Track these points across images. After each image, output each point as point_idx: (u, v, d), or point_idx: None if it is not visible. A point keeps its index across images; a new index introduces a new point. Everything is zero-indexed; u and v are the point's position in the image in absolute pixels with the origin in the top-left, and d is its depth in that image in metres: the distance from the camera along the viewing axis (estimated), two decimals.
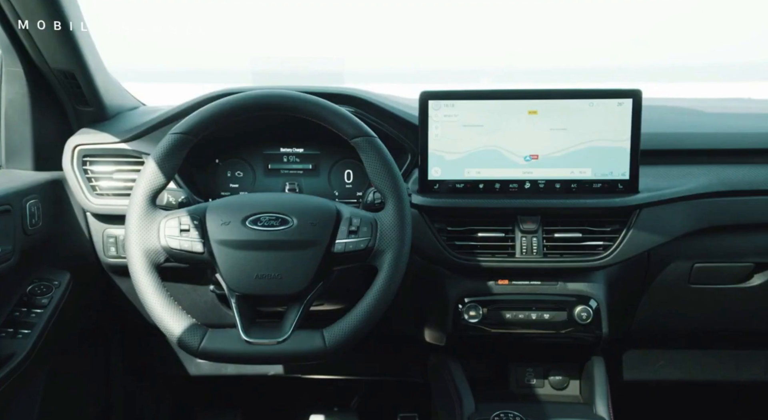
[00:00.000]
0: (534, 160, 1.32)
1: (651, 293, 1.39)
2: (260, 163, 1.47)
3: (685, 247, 1.35)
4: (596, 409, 1.29)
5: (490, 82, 2.10)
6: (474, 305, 1.31)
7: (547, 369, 1.45)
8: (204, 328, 1.05)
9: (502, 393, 1.42)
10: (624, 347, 1.58)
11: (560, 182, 1.31)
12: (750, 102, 1.84)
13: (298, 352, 1.04)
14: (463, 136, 1.31)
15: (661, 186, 1.31)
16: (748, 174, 1.35)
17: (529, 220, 1.30)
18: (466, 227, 1.32)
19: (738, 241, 1.36)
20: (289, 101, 1.11)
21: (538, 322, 1.32)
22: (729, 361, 1.60)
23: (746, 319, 1.45)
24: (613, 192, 1.30)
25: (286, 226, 1.08)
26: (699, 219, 1.32)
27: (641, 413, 1.75)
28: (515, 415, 1.22)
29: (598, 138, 1.30)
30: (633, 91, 1.28)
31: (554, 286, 1.32)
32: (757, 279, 1.38)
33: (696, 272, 1.37)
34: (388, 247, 1.08)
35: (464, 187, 1.33)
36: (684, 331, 1.50)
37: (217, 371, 1.70)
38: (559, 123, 1.30)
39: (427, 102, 1.30)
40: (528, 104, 1.30)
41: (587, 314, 1.30)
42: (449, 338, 1.36)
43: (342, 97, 1.39)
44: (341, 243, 1.09)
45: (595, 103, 1.29)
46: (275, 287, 1.06)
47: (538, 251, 1.30)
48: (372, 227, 1.09)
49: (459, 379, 1.36)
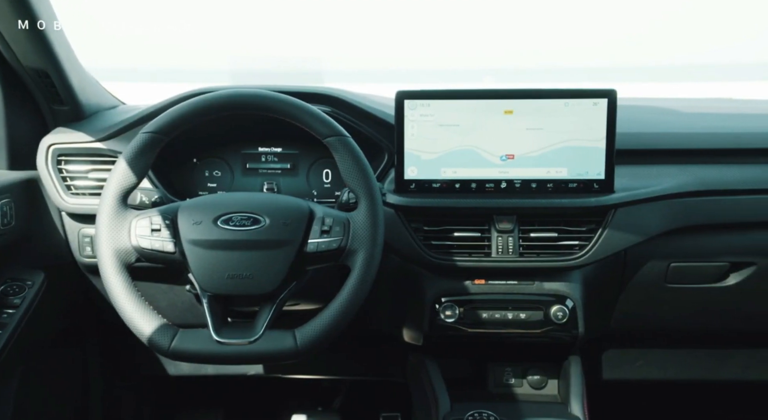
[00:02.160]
0: (510, 160, 1.32)
1: (628, 293, 1.40)
2: (238, 163, 1.47)
3: (661, 247, 1.35)
4: (571, 408, 1.30)
5: (493, 82, 2.10)
6: (450, 305, 1.31)
7: (525, 368, 1.46)
8: (175, 328, 1.05)
9: (479, 392, 1.42)
10: (603, 346, 1.59)
11: (536, 182, 1.32)
12: (731, 102, 1.84)
13: (269, 352, 1.03)
14: (440, 136, 1.31)
15: (637, 186, 1.32)
16: (723, 174, 1.35)
17: (505, 220, 1.30)
18: (443, 227, 1.31)
19: (713, 240, 1.36)
20: (261, 100, 1.11)
21: (515, 321, 1.32)
22: (707, 361, 1.60)
23: (723, 319, 1.46)
24: (589, 192, 1.31)
25: (258, 225, 1.08)
26: (674, 218, 1.33)
27: (620, 412, 1.75)
28: (489, 414, 1.22)
29: (573, 138, 1.30)
30: (608, 91, 1.28)
31: (530, 286, 1.33)
32: (733, 278, 1.38)
33: (672, 272, 1.37)
34: (361, 247, 1.08)
35: (440, 187, 1.33)
36: (661, 330, 1.50)
37: (197, 371, 1.70)
38: (534, 123, 1.30)
39: (402, 101, 1.30)
40: (504, 104, 1.30)
41: (563, 314, 1.30)
42: (426, 338, 1.36)
43: (318, 96, 1.39)
44: (314, 243, 1.09)
45: (570, 103, 1.29)
46: (247, 287, 1.06)
47: (514, 251, 1.30)
48: (344, 227, 1.09)
49: (435, 378, 1.36)
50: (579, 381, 1.34)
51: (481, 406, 1.26)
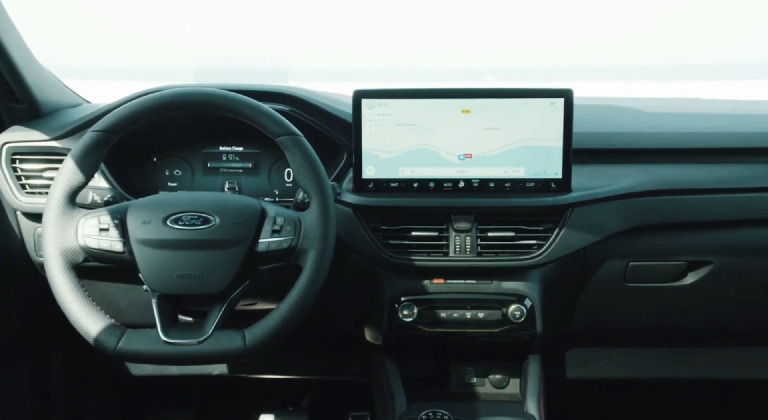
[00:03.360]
0: (468, 159, 1.32)
1: (588, 292, 1.40)
2: (199, 162, 1.46)
3: (620, 246, 1.36)
4: (527, 407, 1.30)
5: (495, 81, 2.11)
6: (408, 304, 1.31)
7: (487, 368, 1.46)
8: (122, 329, 1.04)
9: (440, 392, 1.42)
10: (566, 346, 1.59)
11: (494, 181, 1.32)
12: (698, 102, 1.85)
13: (217, 352, 1.03)
14: (397, 135, 1.31)
15: (595, 185, 1.32)
16: (680, 173, 1.36)
17: (462, 219, 1.30)
18: (401, 226, 1.31)
19: (671, 239, 1.37)
20: (212, 99, 1.10)
21: (473, 321, 1.32)
22: (671, 359, 1.61)
23: (683, 317, 1.46)
24: (547, 191, 1.31)
25: (208, 225, 1.07)
26: (632, 218, 1.33)
27: (584, 411, 1.76)
28: (443, 413, 1.22)
29: (531, 137, 1.30)
30: (564, 91, 1.28)
31: (489, 285, 1.33)
32: (691, 277, 1.39)
33: (631, 271, 1.38)
34: (311, 247, 1.07)
35: (398, 186, 1.32)
36: (622, 329, 1.51)
37: (161, 371, 1.69)
38: (492, 122, 1.30)
39: (360, 101, 1.30)
40: (461, 103, 1.30)
41: (521, 313, 1.30)
42: (385, 338, 1.36)
43: (277, 95, 1.38)
44: (264, 242, 1.08)
45: (527, 103, 1.29)
46: (196, 287, 1.05)
47: (471, 250, 1.30)
48: (295, 226, 1.09)
49: (393, 378, 1.36)
50: (536, 380, 1.34)
51: (438, 405, 1.27)
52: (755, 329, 1.51)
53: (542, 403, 1.30)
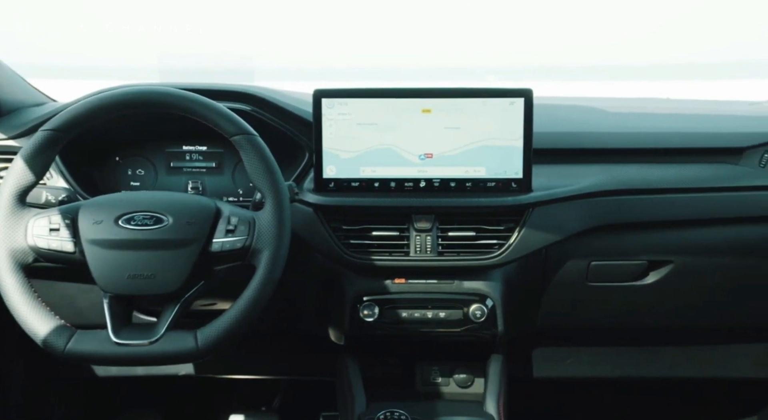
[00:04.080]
0: (429, 159, 1.32)
1: (550, 291, 1.41)
2: (162, 161, 1.45)
3: (581, 246, 1.36)
4: (486, 407, 1.30)
5: (497, 80, 2.10)
6: (370, 304, 1.31)
7: (452, 367, 1.46)
8: (72, 330, 1.03)
9: (403, 392, 1.42)
10: (532, 345, 1.60)
11: (455, 181, 1.32)
12: (667, 102, 1.85)
13: (168, 353, 1.02)
14: (358, 135, 1.31)
15: (555, 185, 1.32)
16: (641, 173, 1.37)
17: (423, 219, 1.30)
18: (361, 226, 1.31)
19: (632, 239, 1.37)
20: (165, 98, 1.10)
21: (434, 320, 1.32)
22: (636, 358, 1.62)
23: (644, 316, 1.47)
24: (507, 191, 1.31)
25: (160, 224, 1.07)
26: (592, 217, 1.34)
27: (549, 410, 1.77)
28: (401, 413, 1.22)
29: (491, 137, 1.30)
30: (524, 91, 1.29)
31: (450, 285, 1.33)
32: (652, 276, 1.40)
33: (593, 270, 1.38)
34: (265, 247, 1.07)
35: (359, 186, 1.32)
36: (586, 328, 1.51)
37: (128, 372, 1.68)
38: (452, 122, 1.30)
39: (320, 100, 1.29)
40: (421, 103, 1.30)
41: (481, 312, 1.31)
42: (347, 338, 1.36)
43: (239, 94, 1.37)
44: (218, 242, 1.08)
45: (487, 102, 1.29)
46: (148, 287, 1.04)
47: (432, 250, 1.30)
48: (250, 226, 1.08)
49: (354, 377, 1.36)
50: (497, 379, 1.34)
51: (398, 405, 1.26)
52: (716, 328, 1.52)
53: (502, 402, 1.30)
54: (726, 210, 1.35)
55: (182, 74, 1.73)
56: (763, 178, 1.35)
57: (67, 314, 1.36)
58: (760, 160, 1.36)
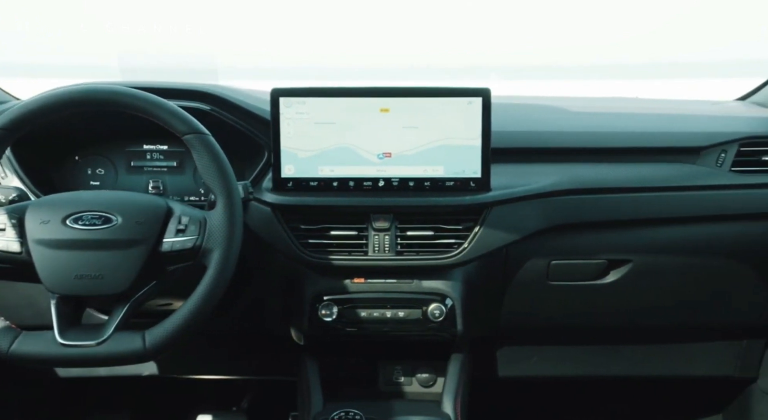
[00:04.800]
0: (387, 158, 1.31)
1: (512, 290, 1.41)
2: (122, 161, 1.44)
3: (541, 245, 1.36)
4: (443, 406, 1.30)
5: (499, 79, 2.10)
6: (328, 304, 1.31)
7: (415, 367, 1.45)
8: (17, 331, 1.02)
9: (363, 391, 1.41)
10: (496, 344, 1.60)
11: (414, 180, 1.32)
12: (636, 101, 1.85)
13: (115, 354, 1.01)
14: (316, 134, 1.30)
15: (514, 184, 1.33)
16: (599, 172, 1.37)
17: (381, 219, 1.30)
18: (320, 225, 1.31)
19: (591, 238, 1.38)
20: (116, 97, 1.09)
21: (393, 320, 1.32)
22: (599, 357, 1.62)
23: (606, 315, 1.48)
24: (466, 190, 1.31)
25: (109, 224, 1.06)
26: (551, 217, 1.34)
27: (513, 409, 1.77)
28: (356, 413, 1.22)
29: (449, 136, 1.30)
30: (482, 90, 1.28)
31: (409, 284, 1.32)
32: (612, 276, 1.40)
33: (553, 269, 1.39)
34: (216, 246, 1.06)
35: (318, 185, 1.32)
36: (548, 327, 1.52)
37: (90, 373, 1.66)
38: (410, 121, 1.30)
39: (278, 99, 1.29)
40: (380, 102, 1.29)
41: (440, 312, 1.31)
42: (307, 338, 1.35)
43: (198, 93, 1.37)
44: (168, 242, 1.07)
45: (445, 102, 1.29)
46: (96, 287, 1.03)
47: (390, 249, 1.30)
48: (200, 226, 1.08)
49: (312, 377, 1.36)
50: (455, 379, 1.34)
51: (355, 405, 1.26)
52: (677, 326, 1.53)
53: (459, 402, 1.30)
54: (683, 209, 1.36)
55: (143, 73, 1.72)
56: (719, 177, 1.36)
57: (27, 315, 1.36)
58: (716, 160, 1.37)
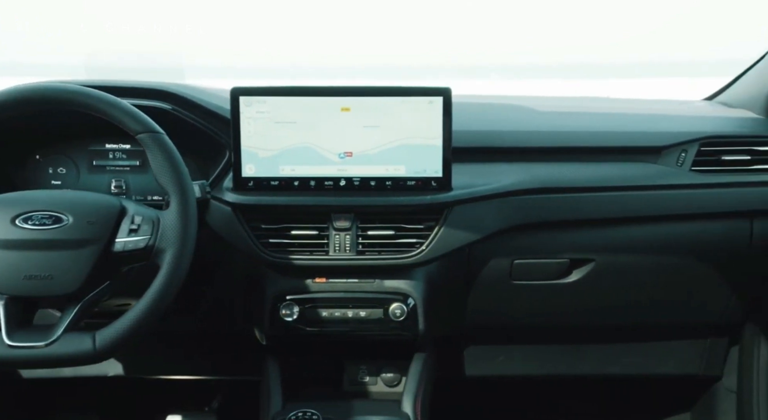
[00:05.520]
0: (348, 158, 1.31)
1: (475, 290, 1.41)
2: (84, 160, 1.43)
3: (503, 244, 1.36)
4: (403, 406, 1.30)
5: (499, 79, 2.09)
6: (289, 304, 1.30)
7: (380, 366, 1.45)
8: None
9: (326, 391, 1.41)
10: (462, 344, 1.60)
11: (375, 180, 1.31)
12: (603, 101, 1.86)
13: (64, 355, 1.00)
14: (277, 133, 1.30)
15: (475, 183, 1.32)
16: (562, 172, 1.37)
17: (342, 218, 1.30)
18: (281, 225, 1.30)
19: (553, 237, 1.38)
20: (65, 95, 1.08)
21: (354, 319, 1.31)
22: (566, 356, 1.63)
23: (570, 314, 1.48)
24: (427, 189, 1.31)
25: (60, 224, 1.05)
26: (512, 216, 1.34)
27: (479, 409, 1.77)
28: (313, 413, 1.22)
29: (410, 135, 1.30)
30: (442, 89, 1.28)
31: (371, 284, 1.32)
32: (575, 275, 1.40)
33: (516, 268, 1.39)
34: (169, 246, 1.06)
35: (279, 185, 1.31)
36: (514, 326, 1.52)
37: (55, 374, 1.65)
38: (371, 120, 1.30)
39: (238, 98, 1.28)
40: (340, 101, 1.29)
41: (401, 311, 1.30)
42: (268, 338, 1.35)
43: (159, 92, 1.36)
44: (121, 242, 1.06)
45: (406, 101, 1.29)
46: (46, 288, 1.02)
47: (351, 249, 1.30)
48: (153, 225, 1.07)
49: (272, 377, 1.35)
50: (416, 379, 1.34)
51: (314, 405, 1.26)
52: (641, 325, 1.53)
53: (420, 401, 1.30)
54: (644, 209, 1.36)
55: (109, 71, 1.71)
56: (679, 177, 1.36)
57: None
58: (677, 160, 1.37)
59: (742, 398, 1.57)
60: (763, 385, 1.51)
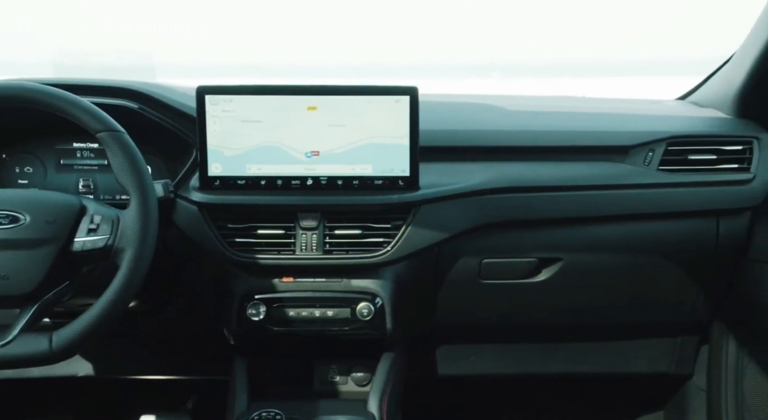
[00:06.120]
0: (315, 157, 1.31)
1: (444, 289, 1.41)
2: (52, 159, 1.42)
3: (472, 243, 1.37)
4: (369, 405, 1.29)
5: (501, 77, 2.09)
6: (255, 303, 1.30)
7: (350, 366, 1.45)
8: None
9: (294, 391, 1.40)
10: (434, 343, 1.60)
11: (342, 179, 1.31)
12: (575, 100, 1.85)
13: (20, 356, 1.00)
14: (243, 132, 1.29)
15: (443, 182, 1.32)
16: (530, 171, 1.37)
17: (309, 217, 1.30)
18: (247, 224, 1.30)
19: (521, 237, 1.38)
20: (22, 93, 1.07)
21: (321, 319, 1.31)
22: (537, 355, 1.63)
23: (540, 314, 1.48)
24: (394, 188, 1.31)
25: (17, 224, 1.04)
26: (481, 215, 1.34)
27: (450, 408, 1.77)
28: (276, 413, 1.21)
29: (377, 134, 1.30)
30: (409, 89, 1.28)
31: (339, 283, 1.32)
32: (544, 274, 1.41)
33: (485, 267, 1.39)
34: (128, 246, 1.05)
35: (245, 184, 1.31)
36: (484, 326, 1.52)
37: (23, 374, 1.63)
38: (338, 119, 1.29)
39: (203, 97, 1.27)
40: (307, 100, 1.28)
41: (368, 311, 1.30)
42: (235, 337, 1.34)
43: (125, 91, 1.35)
44: (80, 241, 1.05)
45: (372, 100, 1.28)
46: (2, 288, 1.01)
47: (318, 248, 1.29)
48: (113, 224, 1.06)
49: (239, 377, 1.34)
50: (383, 378, 1.34)
51: (280, 405, 1.25)
52: (610, 324, 1.54)
53: (387, 400, 1.30)
54: (611, 208, 1.37)
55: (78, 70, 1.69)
56: (646, 176, 1.37)
57: None
58: (644, 159, 1.38)
59: (711, 396, 1.58)
60: (731, 383, 1.52)
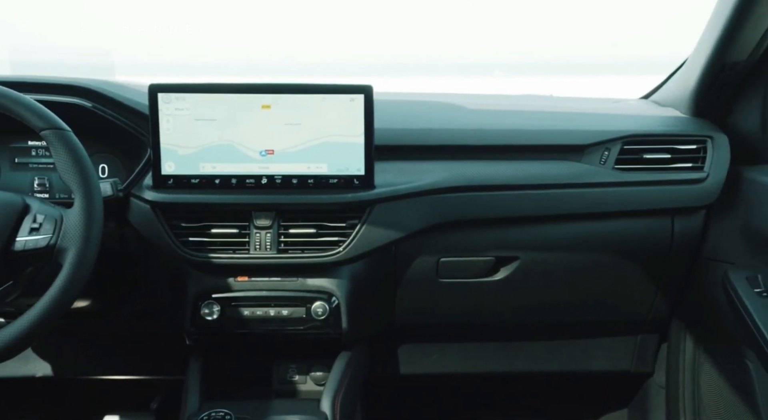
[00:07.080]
0: (270, 155, 1.30)
1: (403, 288, 1.41)
2: (6, 157, 1.40)
3: (428, 242, 1.37)
4: (321, 405, 1.29)
5: (502, 76, 2.08)
6: (209, 303, 1.29)
7: (309, 365, 1.44)
8: None
9: (249, 391, 1.39)
10: (396, 341, 1.60)
11: (297, 178, 1.30)
12: (536, 99, 1.84)
13: None
14: (196, 130, 1.28)
15: (399, 181, 1.32)
16: (485, 170, 1.37)
17: (263, 216, 1.29)
18: (201, 223, 1.29)
19: (478, 235, 1.39)
20: None
21: (276, 318, 1.31)
22: (500, 353, 1.63)
23: (499, 312, 1.49)
24: (349, 187, 1.30)
25: None
26: (436, 214, 1.34)
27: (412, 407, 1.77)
28: (225, 413, 1.20)
29: (332, 133, 1.29)
30: (364, 87, 1.27)
31: (294, 282, 1.31)
32: (502, 273, 1.41)
33: (442, 266, 1.39)
34: (71, 245, 1.04)
35: (199, 183, 1.30)
36: (444, 324, 1.52)
37: None
38: (293, 118, 1.29)
39: (156, 95, 1.26)
40: (261, 98, 1.28)
41: (323, 310, 1.30)
42: (190, 337, 1.33)
43: (78, 89, 1.34)
44: (21, 241, 1.04)
45: (327, 99, 1.28)
46: None
47: (272, 247, 1.29)
48: (56, 224, 1.05)
49: (192, 377, 1.33)
50: (337, 377, 1.33)
51: (232, 405, 1.24)
52: (570, 323, 1.54)
53: (340, 400, 1.30)
54: (567, 207, 1.37)
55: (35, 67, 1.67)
56: (602, 175, 1.37)
57: None
58: (600, 158, 1.38)
59: (670, 394, 1.59)
60: (688, 380, 1.53)
